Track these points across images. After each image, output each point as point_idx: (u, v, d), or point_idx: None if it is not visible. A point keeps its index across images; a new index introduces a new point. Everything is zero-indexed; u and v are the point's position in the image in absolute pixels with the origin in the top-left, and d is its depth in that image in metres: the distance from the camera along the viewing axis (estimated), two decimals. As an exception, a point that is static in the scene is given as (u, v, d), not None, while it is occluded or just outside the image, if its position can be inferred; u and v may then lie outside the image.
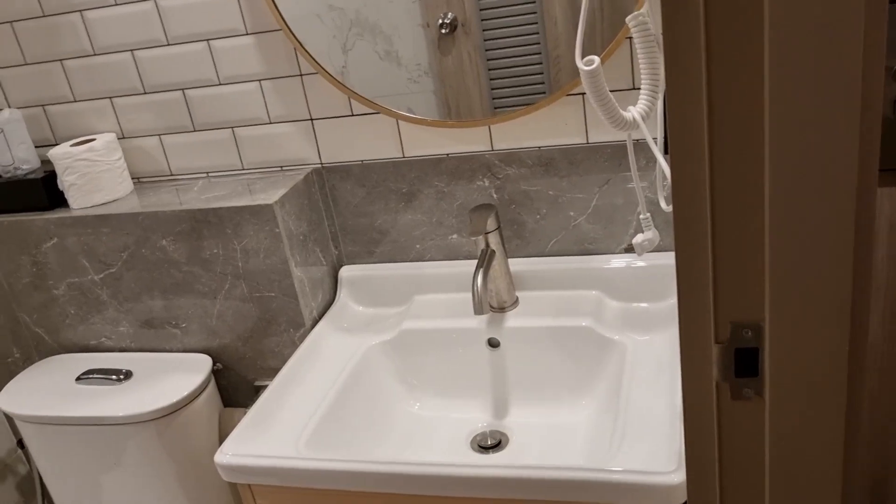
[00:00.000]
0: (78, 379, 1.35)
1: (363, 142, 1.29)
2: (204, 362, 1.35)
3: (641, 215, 1.06)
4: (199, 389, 1.30)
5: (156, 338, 1.39)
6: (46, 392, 1.34)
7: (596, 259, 1.25)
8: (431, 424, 1.20)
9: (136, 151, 1.41)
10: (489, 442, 1.15)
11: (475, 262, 1.30)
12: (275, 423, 1.09)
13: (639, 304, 1.22)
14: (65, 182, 1.33)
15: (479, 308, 1.11)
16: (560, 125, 1.20)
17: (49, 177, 1.35)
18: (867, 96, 0.48)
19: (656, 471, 0.87)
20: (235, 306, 1.31)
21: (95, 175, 1.33)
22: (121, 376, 1.33)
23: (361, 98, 1.23)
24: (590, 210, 1.23)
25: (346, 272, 1.37)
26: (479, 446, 1.15)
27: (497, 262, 1.21)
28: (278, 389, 1.16)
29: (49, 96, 1.40)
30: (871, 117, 0.49)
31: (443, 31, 1.16)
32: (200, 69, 1.30)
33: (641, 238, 1.06)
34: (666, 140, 1.01)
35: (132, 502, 1.35)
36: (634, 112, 0.94)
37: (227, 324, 1.34)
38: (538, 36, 1.13)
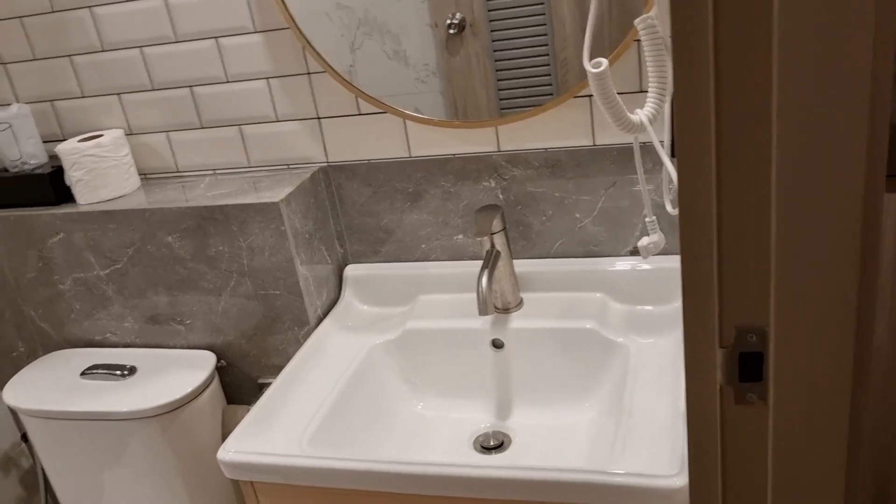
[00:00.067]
0: (82, 374, 1.36)
1: (370, 141, 1.29)
2: (208, 359, 1.35)
3: (647, 218, 1.06)
4: (203, 386, 1.30)
5: (160, 334, 1.40)
6: (51, 386, 1.35)
7: (601, 261, 1.25)
8: (434, 424, 1.20)
9: (144, 148, 1.41)
10: (492, 443, 1.15)
11: (480, 263, 1.30)
12: (278, 421, 1.09)
13: (643, 307, 1.22)
14: (72, 177, 1.33)
15: (484, 309, 1.11)
16: (567, 127, 1.19)
17: (56, 172, 1.36)
18: (875, 103, 0.48)
19: (659, 474, 0.87)
20: (240, 303, 1.32)
21: (102, 171, 1.33)
22: (125, 372, 1.34)
23: (369, 97, 1.23)
24: (596, 212, 1.23)
25: (351, 271, 1.37)
26: (482, 447, 1.15)
27: (502, 263, 1.21)
28: (282, 387, 1.16)
29: (57, 92, 1.40)
30: (879, 123, 0.49)
31: (451, 32, 1.16)
32: (208, 66, 1.31)
33: (647, 241, 1.05)
34: (673, 143, 1.00)
35: (135, 498, 1.36)
36: (641, 115, 0.94)
37: (232, 321, 1.34)
38: (546, 37, 1.13)
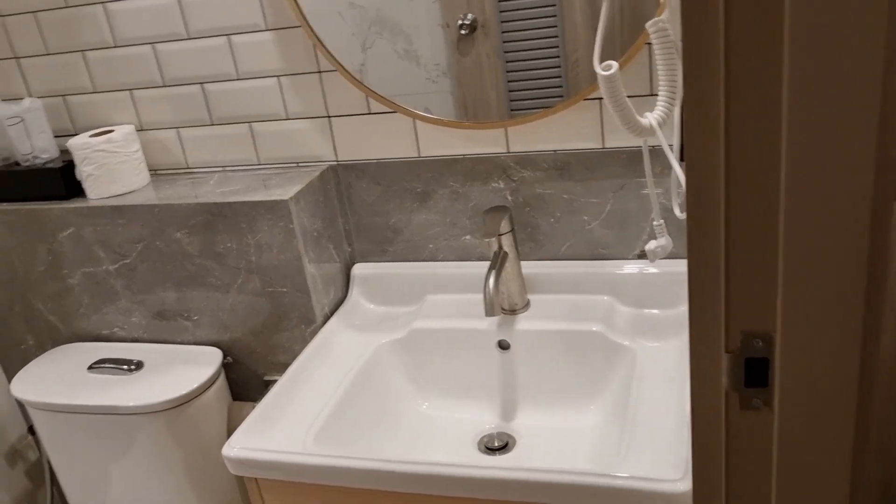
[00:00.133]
0: (90, 368, 1.36)
1: (379, 140, 1.29)
2: (214, 355, 1.35)
3: (655, 222, 1.05)
4: (209, 382, 1.31)
5: (168, 329, 1.40)
6: (58, 380, 1.35)
7: (609, 264, 1.25)
8: (439, 424, 1.21)
9: (154, 143, 1.42)
10: (496, 444, 1.15)
11: (488, 264, 1.30)
12: (283, 418, 1.09)
13: (650, 311, 1.22)
14: (83, 172, 1.34)
15: (490, 310, 1.11)
16: (576, 129, 1.19)
17: (67, 166, 1.36)
18: (885, 109, 0.48)
19: (662, 478, 0.87)
20: (247, 300, 1.32)
21: (113, 166, 1.34)
22: (132, 366, 1.34)
23: (379, 96, 1.23)
24: (604, 215, 1.23)
25: (359, 270, 1.38)
26: (486, 448, 1.15)
27: (509, 265, 1.21)
28: (288, 384, 1.16)
29: (70, 87, 1.41)
30: (889, 130, 0.49)
31: (462, 32, 1.16)
32: (220, 63, 1.31)
33: (654, 244, 1.05)
34: (682, 147, 1.00)
35: (140, 492, 1.36)
36: (651, 118, 0.94)
37: (239, 318, 1.34)
38: (557, 39, 1.13)
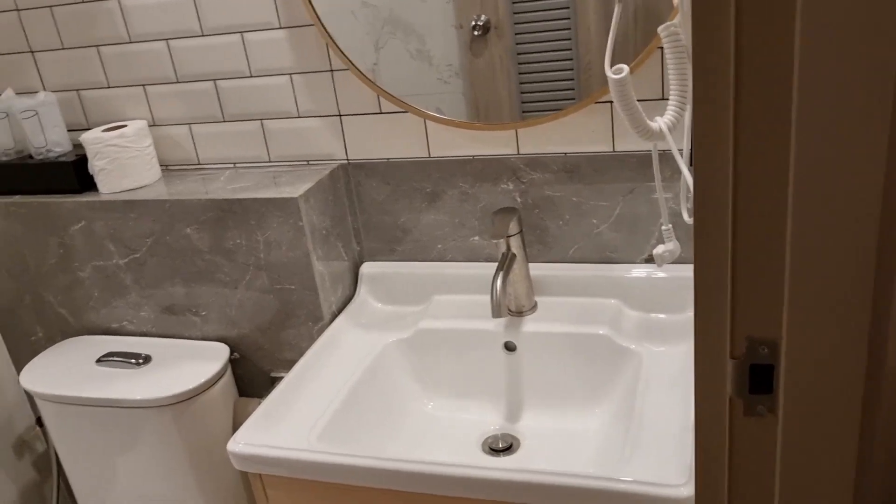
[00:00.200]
0: (98, 361, 1.37)
1: (390, 140, 1.30)
2: (222, 351, 1.36)
3: (664, 226, 1.05)
4: (216, 377, 1.31)
5: (176, 324, 1.41)
6: (67, 372, 1.36)
7: (616, 268, 1.25)
8: (444, 424, 1.21)
9: (166, 139, 1.43)
10: (500, 445, 1.15)
11: (495, 265, 1.30)
12: (288, 415, 1.09)
13: (657, 315, 1.21)
14: (95, 166, 1.35)
15: (497, 311, 1.11)
16: (587, 132, 1.19)
17: (80, 160, 1.37)
18: (896, 117, 0.48)
19: (666, 483, 0.87)
20: (255, 297, 1.33)
21: (125, 161, 1.35)
22: (140, 360, 1.35)
23: (391, 96, 1.23)
24: (613, 218, 1.23)
25: (367, 269, 1.38)
26: (490, 448, 1.15)
27: (517, 266, 1.21)
28: (294, 382, 1.17)
29: (84, 81, 1.42)
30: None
31: (475, 33, 1.16)
32: (233, 61, 1.32)
33: (662, 249, 1.05)
34: (691, 152, 1.00)
35: (145, 485, 1.37)
36: (661, 123, 0.93)
37: (247, 314, 1.35)
38: (570, 42, 1.13)
